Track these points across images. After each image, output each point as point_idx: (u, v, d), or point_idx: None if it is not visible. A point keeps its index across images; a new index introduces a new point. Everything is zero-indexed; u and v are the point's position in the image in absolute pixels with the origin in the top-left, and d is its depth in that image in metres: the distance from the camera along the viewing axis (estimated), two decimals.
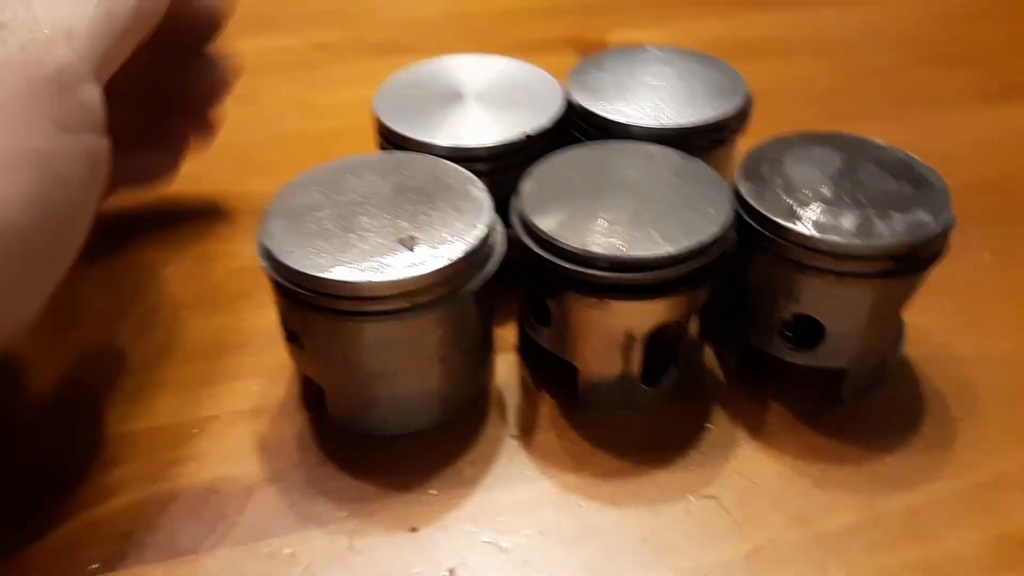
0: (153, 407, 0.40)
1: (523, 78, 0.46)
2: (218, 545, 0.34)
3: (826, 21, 0.77)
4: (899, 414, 0.40)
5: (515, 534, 0.35)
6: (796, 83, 0.68)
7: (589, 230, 0.35)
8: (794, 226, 0.35)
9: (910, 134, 0.59)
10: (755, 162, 0.39)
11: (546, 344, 0.39)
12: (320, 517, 0.35)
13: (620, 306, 0.36)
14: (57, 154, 0.32)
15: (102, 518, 0.35)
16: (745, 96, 0.45)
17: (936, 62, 0.70)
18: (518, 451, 0.38)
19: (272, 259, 0.35)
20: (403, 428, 0.39)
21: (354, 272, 0.33)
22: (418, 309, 0.34)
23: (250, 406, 0.40)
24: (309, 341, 0.37)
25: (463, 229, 0.35)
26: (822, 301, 0.37)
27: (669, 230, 0.35)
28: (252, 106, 0.63)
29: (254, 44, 0.72)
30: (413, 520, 0.35)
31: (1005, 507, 0.36)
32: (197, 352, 0.43)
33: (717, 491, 0.36)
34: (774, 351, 0.39)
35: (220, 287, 0.47)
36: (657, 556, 0.34)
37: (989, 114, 0.63)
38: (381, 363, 0.36)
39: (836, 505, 0.36)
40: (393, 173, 0.38)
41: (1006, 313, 0.45)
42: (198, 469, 0.37)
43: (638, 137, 0.42)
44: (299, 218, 0.36)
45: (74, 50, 0.33)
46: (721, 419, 0.39)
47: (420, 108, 0.44)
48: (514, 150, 0.42)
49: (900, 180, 0.37)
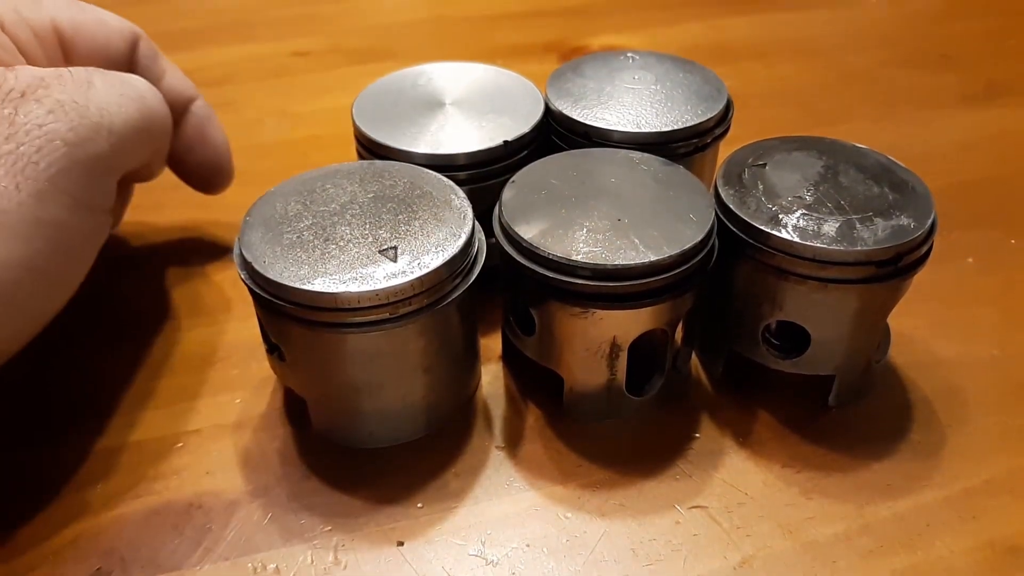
0: (135, 421, 0.40)
1: (503, 85, 0.46)
2: (202, 561, 0.34)
3: (806, 23, 0.77)
4: (886, 421, 0.40)
5: (502, 547, 0.35)
6: (777, 86, 0.68)
7: (571, 238, 0.35)
8: (776, 232, 0.35)
9: (892, 136, 0.60)
10: (736, 168, 0.39)
11: (530, 354, 0.39)
12: (305, 532, 0.35)
13: (604, 315, 0.35)
14: (72, 227, 0.35)
15: (84, 534, 0.35)
16: (726, 100, 0.44)
17: (917, 63, 0.70)
18: (504, 462, 0.38)
19: (251, 270, 0.34)
20: (388, 440, 0.38)
21: (335, 283, 0.33)
22: (400, 320, 0.34)
23: (233, 420, 0.40)
24: (291, 353, 0.36)
25: (445, 238, 0.35)
26: (806, 308, 0.36)
27: (651, 238, 0.35)
28: (230, 114, 0.62)
29: (232, 51, 0.72)
30: (399, 534, 0.35)
31: (994, 513, 0.36)
32: (178, 365, 0.42)
33: (705, 501, 0.36)
34: (760, 359, 0.39)
35: (200, 299, 0.46)
36: (646, 568, 0.34)
37: (971, 115, 0.63)
38: (364, 375, 0.36)
39: (825, 514, 0.36)
40: (373, 182, 0.38)
41: (991, 317, 0.45)
42: (181, 484, 0.37)
43: (619, 143, 0.42)
44: (278, 228, 0.35)
45: (111, 144, 0.36)
46: (708, 428, 0.39)
47: (400, 116, 0.43)
48: (494, 158, 0.42)
49: (882, 184, 0.37)
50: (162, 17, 0.78)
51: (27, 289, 0.33)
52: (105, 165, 0.36)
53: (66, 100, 0.35)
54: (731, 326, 0.39)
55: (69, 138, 0.34)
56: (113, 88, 0.38)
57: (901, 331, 0.42)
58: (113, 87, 0.38)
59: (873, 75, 0.69)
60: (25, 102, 0.34)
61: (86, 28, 0.42)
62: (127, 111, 0.38)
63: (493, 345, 0.43)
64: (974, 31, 0.75)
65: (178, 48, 0.66)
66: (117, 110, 0.37)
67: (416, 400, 0.38)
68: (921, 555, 0.34)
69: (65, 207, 0.34)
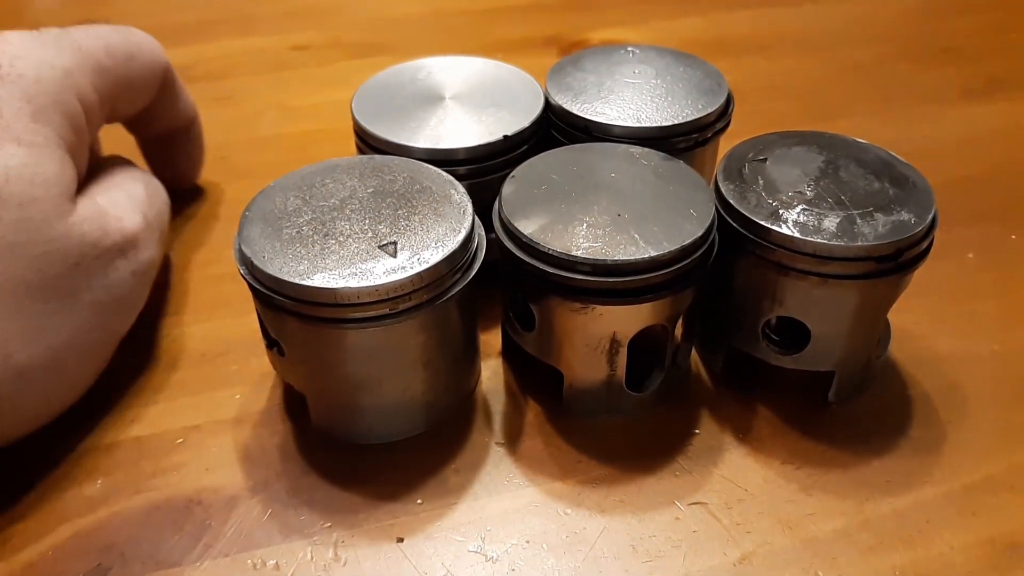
0: (134, 417, 0.40)
1: (503, 79, 0.46)
2: (202, 557, 0.34)
3: (806, 17, 0.77)
4: (886, 417, 0.40)
5: (502, 543, 0.34)
6: (777, 80, 0.68)
7: (571, 234, 0.35)
8: (777, 228, 0.35)
9: (892, 130, 0.59)
10: (736, 163, 0.39)
11: (530, 349, 0.39)
12: (304, 528, 0.35)
13: (604, 310, 0.35)
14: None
15: (84, 530, 0.35)
16: (726, 95, 0.44)
17: (917, 57, 0.70)
18: (504, 458, 0.38)
19: (250, 265, 0.34)
20: (387, 436, 0.38)
21: (334, 278, 0.33)
22: (400, 315, 0.34)
23: (232, 415, 0.40)
24: (290, 349, 0.36)
25: (444, 234, 0.35)
26: (806, 303, 0.36)
27: (651, 233, 0.35)
28: (229, 108, 0.62)
29: (231, 45, 0.72)
30: (399, 530, 0.35)
31: (994, 509, 0.36)
32: (177, 361, 0.42)
33: (705, 497, 0.36)
34: (760, 355, 0.39)
35: (200, 294, 0.46)
36: (645, 564, 0.34)
37: (971, 110, 0.63)
38: (364, 370, 0.36)
39: (825, 510, 0.36)
40: (372, 177, 0.38)
41: (991, 312, 0.45)
42: (180, 480, 0.37)
43: (619, 137, 0.42)
44: (277, 223, 0.35)
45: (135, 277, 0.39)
46: (708, 424, 0.39)
47: (399, 110, 0.43)
48: (494, 152, 0.42)
49: (882, 179, 0.37)
50: (162, 10, 0.78)
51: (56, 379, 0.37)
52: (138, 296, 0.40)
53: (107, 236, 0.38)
54: (731, 322, 0.39)
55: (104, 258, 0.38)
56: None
57: (901, 327, 0.42)
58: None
59: (874, 70, 0.69)
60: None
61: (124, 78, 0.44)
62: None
63: (493, 341, 0.43)
64: (975, 25, 0.75)
65: (178, 42, 0.66)
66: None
67: (416, 396, 0.38)
68: (921, 551, 0.34)
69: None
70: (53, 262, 0.35)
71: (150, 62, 0.45)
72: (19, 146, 0.35)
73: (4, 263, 0.33)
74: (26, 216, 0.34)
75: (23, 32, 0.40)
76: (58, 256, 0.35)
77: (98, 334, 0.38)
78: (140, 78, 0.45)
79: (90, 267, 0.36)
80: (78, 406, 0.38)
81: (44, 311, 0.34)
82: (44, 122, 0.37)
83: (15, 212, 0.34)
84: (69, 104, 0.39)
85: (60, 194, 0.36)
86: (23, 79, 0.37)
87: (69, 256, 0.35)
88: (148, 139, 0.51)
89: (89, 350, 0.37)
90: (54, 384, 0.36)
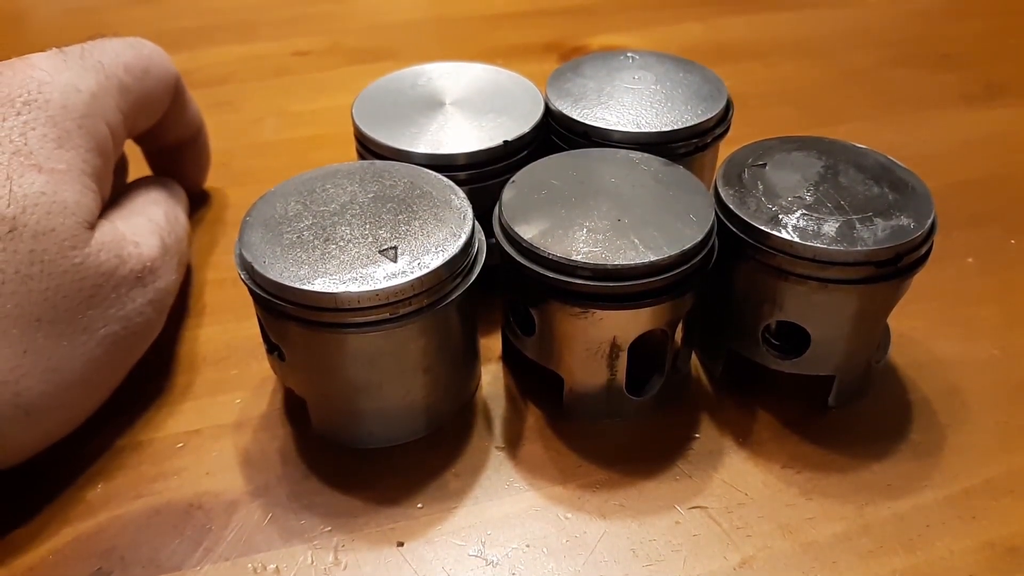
0: (135, 421, 0.40)
1: (503, 85, 0.46)
2: (202, 561, 0.34)
3: (806, 22, 0.77)
4: (886, 421, 0.40)
5: (502, 547, 0.35)
6: (777, 86, 0.68)
7: (571, 238, 0.35)
8: (776, 232, 0.35)
9: (891, 136, 0.60)
10: (736, 168, 0.39)
11: (530, 354, 0.39)
12: (305, 532, 0.35)
13: (604, 315, 0.35)
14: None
15: (85, 534, 0.35)
16: (725, 100, 0.44)
17: (917, 62, 0.70)
18: (504, 463, 0.38)
19: (251, 270, 0.34)
20: (388, 440, 0.38)
21: (335, 283, 0.33)
22: (401, 320, 0.34)
23: (233, 420, 0.40)
24: (291, 353, 0.36)
25: (445, 239, 0.35)
26: (806, 308, 0.36)
27: (651, 238, 0.35)
28: (230, 113, 0.62)
29: (232, 51, 0.72)
30: (399, 534, 0.35)
31: (994, 513, 0.36)
32: (178, 365, 0.43)
33: (705, 501, 0.36)
34: (760, 359, 0.39)
35: (200, 299, 0.47)
36: (645, 568, 0.34)
37: (971, 115, 0.63)
38: (364, 375, 0.36)
39: (825, 514, 0.36)
40: (373, 182, 0.38)
41: (991, 317, 0.45)
42: (181, 484, 0.37)
43: (619, 143, 0.42)
44: (278, 228, 0.35)
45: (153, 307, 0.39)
46: (708, 428, 0.39)
47: (399, 116, 0.43)
48: (494, 158, 0.42)
49: (882, 184, 0.37)
50: (163, 16, 0.78)
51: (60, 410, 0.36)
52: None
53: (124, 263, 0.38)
54: (731, 326, 0.39)
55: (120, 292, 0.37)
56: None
57: (901, 331, 0.42)
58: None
59: (873, 75, 0.69)
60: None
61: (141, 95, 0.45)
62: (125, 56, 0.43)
63: (493, 345, 0.43)
64: (974, 31, 0.75)
65: (179, 47, 0.66)
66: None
67: (416, 400, 0.38)
68: (921, 555, 0.34)
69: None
70: (67, 295, 0.34)
71: (163, 75, 0.45)
72: (40, 173, 0.35)
73: (18, 296, 0.33)
74: (40, 248, 0.34)
75: (49, 54, 0.40)
76: (73, 289, 0.35)
77: (110, 369, 0.37)
78: (155, 92, 0.45)
79: (106, 298, 0.36)
80: None
81: (57, 346, 0.34)
82: (69, 147, 0.37)
83: (29, 243, 0.33)
84: (95, 128, 0.39)
85: (78, 223, 0.35)
86: (50, 104, 0.37)
87: (84, 288, 0.35)
88: (155, 151, 0.51)
89: (99, 384, 0.37)
90: (59, 417, 0.36)
